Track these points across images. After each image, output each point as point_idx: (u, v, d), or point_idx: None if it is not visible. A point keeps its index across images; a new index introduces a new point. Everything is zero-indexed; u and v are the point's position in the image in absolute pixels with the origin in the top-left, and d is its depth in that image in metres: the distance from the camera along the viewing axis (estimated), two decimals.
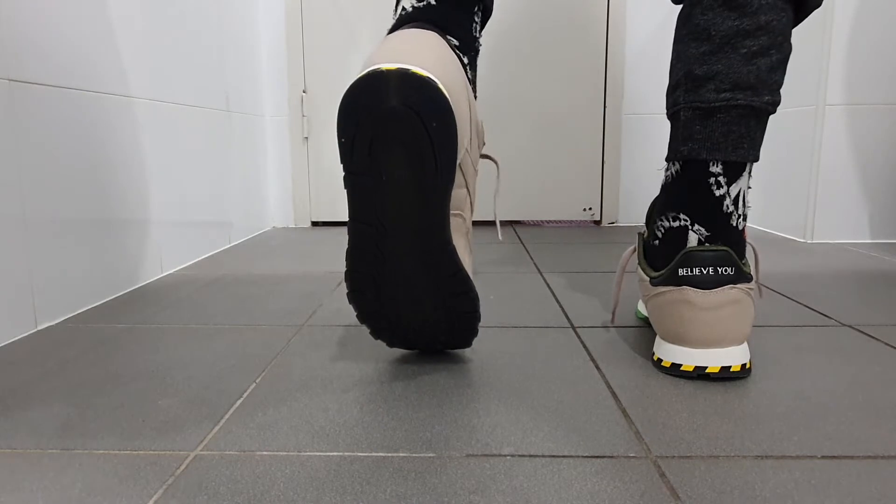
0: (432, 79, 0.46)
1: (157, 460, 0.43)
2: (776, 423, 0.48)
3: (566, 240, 1.39)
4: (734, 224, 0.57)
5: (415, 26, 0.52)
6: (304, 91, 1.59)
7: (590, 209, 1.64)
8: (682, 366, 0.57)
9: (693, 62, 0.58)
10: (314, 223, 1.66)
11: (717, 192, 0.57)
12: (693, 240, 0.58)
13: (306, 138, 1.61)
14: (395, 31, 0.51)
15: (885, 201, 1.31)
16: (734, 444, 0.45)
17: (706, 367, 0.56)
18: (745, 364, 0.56)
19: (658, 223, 0.62)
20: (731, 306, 0.55)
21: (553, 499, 0.38)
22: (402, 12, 0.57)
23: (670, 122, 0.62)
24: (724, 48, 0.56)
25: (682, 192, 0.59)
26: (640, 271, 0.64)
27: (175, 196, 1.07)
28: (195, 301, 0.85)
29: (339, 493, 0.39)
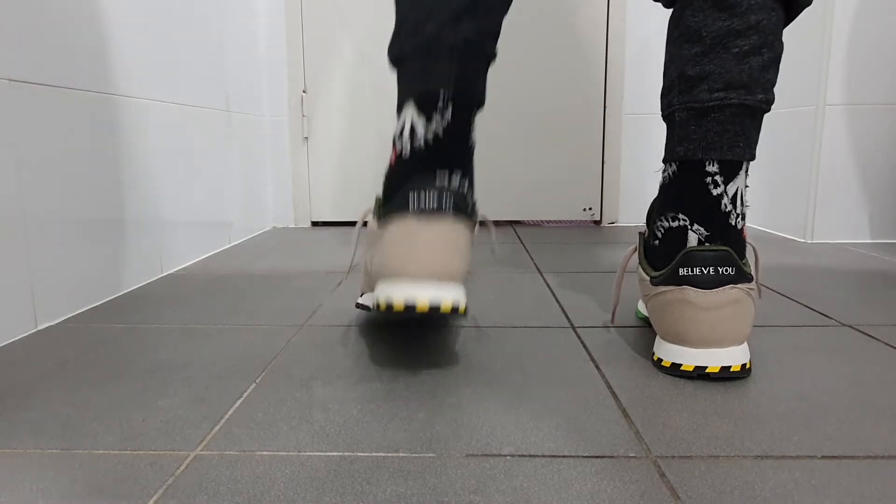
0: (458, 307, 0.55)
1: (157, 460, 0.43)
2: (776, 423, 0.48)
3: (566, 240, 1.39)
4: (733, 223, 0.58)
5: (438, 215, 0.55)
6: (304, 91, 1.59)
7: (590, 209, 1.64)
8: (682, 365, 0.57)
9: (686, 63, 0.58)
10: (314, 223, 1.66)
11: (715, 192, 0.57)
12: (693, 240, 0.58)
13: (306, 138, 1.61)
14: (421, 225, 0.55)
15: (885, 201, 1.31)
16: (734, 444, 0.45)
17: (706, 367, 0.56)
18: (745, 364, 0.56)
19: (657, 223, 0.62)
20: (731, 306, 0.55)
21: (553, 499, 0.38)
22: (417, 144, 0.60)
23: (666, 123, 0.62)
24: (716, 48, 0.56)
25: (680, 193, 0.59)
26: (640, 271, 0.64)
27: (175, 196, 1.07)
28: (195, 301, 0.85)
29: (339, 493, 0.39)
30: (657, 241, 0.62)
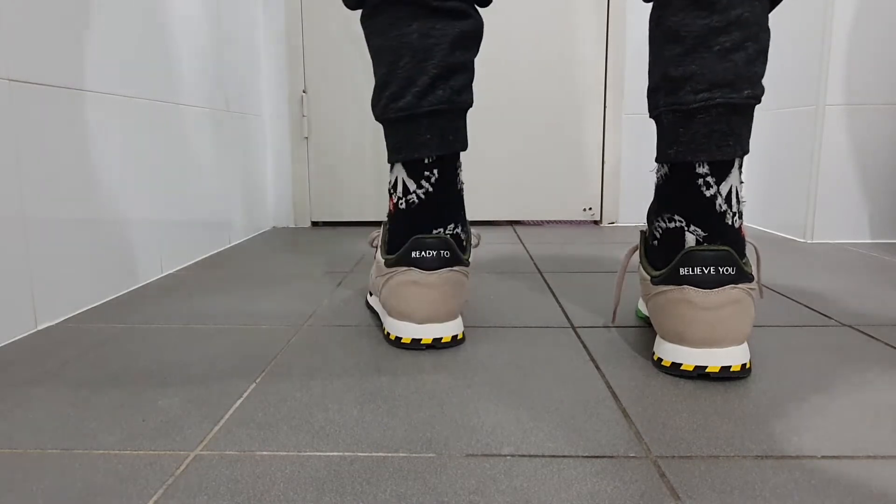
0: (457, 336, 0.66)
1: (157, 460, 0.43)
2: (776, 423, 0.48)
3: (566, 240, 1.39)
4: (730, 223, 0.57)
5: (437, 269, 0.64)
6: (304, 91, 1.59)
7: (590, 209, 1.64)
8: (682, 365, 0.57)
9: (669, 64, 0.58)
10: (314, 223, 1.66)
11: (708, 193, 0.57)
12: (691, 240, 0.58)
13: (306, 138, 1.61)
14: (423, 276, 0.64)
15: (885, 201, 1.31)
16: (734, 444, 0.45)
17: (706, 366, 0.56)
18: (745, 364, 0.56)
19: (655, 224, 0.62)
20: (731, 306, 0.55)
21: (553, 499, 0.38)
22: (410, 199, 0.66)
23: (655, 123, 0.61)
24: (698, 48, 0.56)
25: (674, 194, 0.59)
26: (641, 270, 0.64)
27: (175, 196, 1.07)
28: (195, 301, 0.85)
29: (339, 493, 0.39)
30: (656, 242, 0.62)
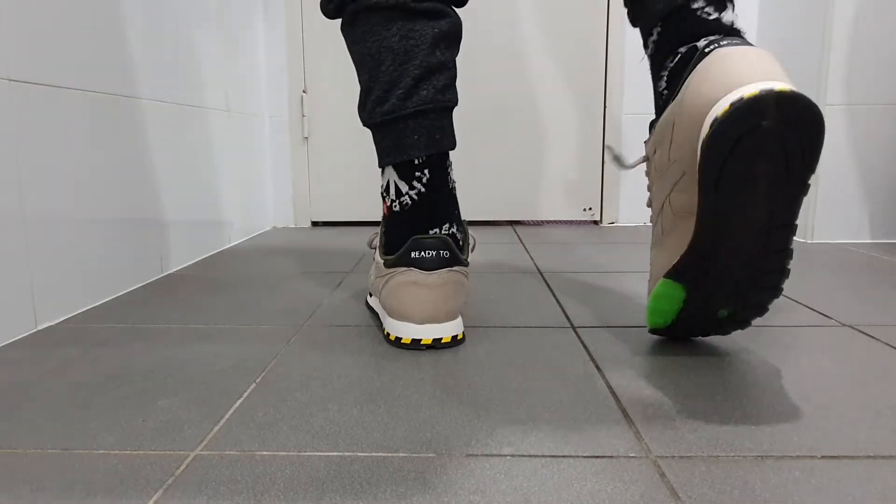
0: (457, 336, 0.66)
1: (157, 460, 0.43)
2: (776, 423, 0.48)
3: (566, 240, 1.39)
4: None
5: (435, 270, 0.64)
6: (304, 91, 1.59)
7: (590, 209, 1.64)
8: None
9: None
10: (314, 223, 1.66)
11: (711, 18, 0.57)
12: (703, 44, 0.55)
13: (306, 138, 1.61)
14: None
15: (885, 201, 1.31)
16: (734, 444, 0.45)
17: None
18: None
19: (661, 74, 0.61)
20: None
21: (553, 499, 0.38)
22: (403, 201, 0.67)
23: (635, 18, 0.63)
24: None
25: (674, 33, 0.58)
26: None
27: (175, 196, 1.07)
28: (195, 301, 0.85)
29: (339, 493, 0.39)
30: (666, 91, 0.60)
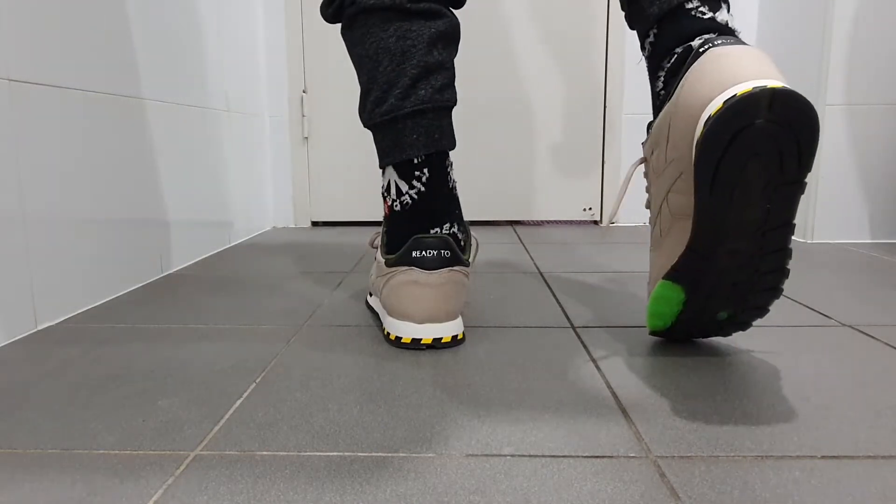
0: (457, 336, 0.66)
1: (157, 460, 0.43)
2: (776, 423, 0.48)
3: (566, 240, 1.39)
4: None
5: (437, 269, 0.63)
6: (304, 91, 1.59)
7: (590, 209, 1.64)
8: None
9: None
10: (314, 223, 1.66)
11: (706, 16, 0.57)
12: (697, 44, 0.56)
13: (306, 138, 1.61)
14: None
15: (885, 201, 1.31)
16: (734, 444, 0.45)
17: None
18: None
19: (658, 75, 0.61)
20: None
21: (553, 499, 0.38)
22: (404, 201, 0.67)
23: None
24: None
25: (670, 34, 0.59)
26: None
27: (175, 196, 1.07)
28: (195, 301, 0.85)
29: (339, 493, 0.39)
30: (662, 92, 0.60)
